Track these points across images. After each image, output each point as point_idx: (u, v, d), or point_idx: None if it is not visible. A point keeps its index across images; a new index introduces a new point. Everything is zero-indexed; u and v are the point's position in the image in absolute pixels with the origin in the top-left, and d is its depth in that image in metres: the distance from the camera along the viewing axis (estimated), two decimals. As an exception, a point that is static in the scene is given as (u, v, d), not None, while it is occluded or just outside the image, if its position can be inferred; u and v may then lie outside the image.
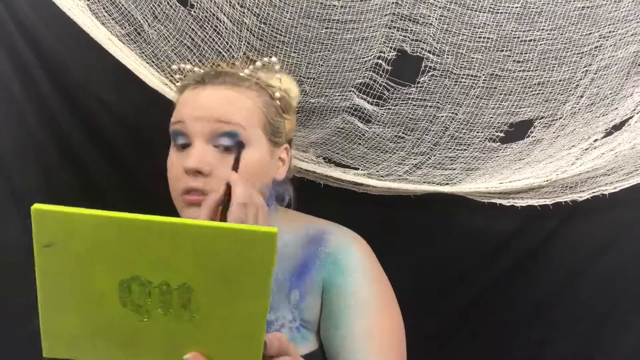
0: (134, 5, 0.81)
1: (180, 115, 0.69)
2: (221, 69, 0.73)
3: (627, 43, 0.89)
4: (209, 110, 0.67)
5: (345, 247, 0.73)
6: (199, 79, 0.71)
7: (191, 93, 0.70)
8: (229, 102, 0.69)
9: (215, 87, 0.70)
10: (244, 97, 0.70)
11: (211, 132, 0.67)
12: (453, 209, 1.05)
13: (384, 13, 0.84)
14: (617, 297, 1.09)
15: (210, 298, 0.47)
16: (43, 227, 0.44)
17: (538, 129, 0.95)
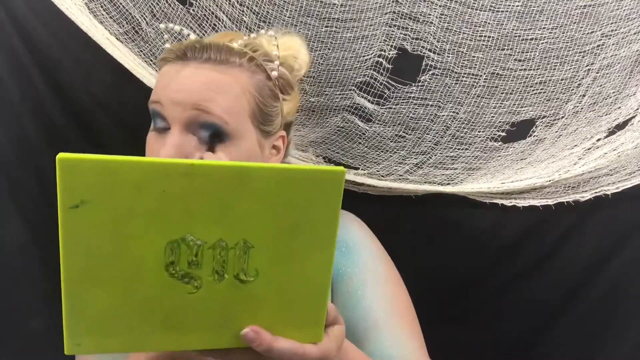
0: (132, 4, 0.81)
1: (158, 94, 0.60)
2: (209, 41, 0.62)
3: (629, 42, 0.89)
4: (186, 94, 0.58)
5: (348, 228, 0.72)
6: (180, 52, 0.60)
7: (171, 68, 0.61)
8: (210, 87, 0.58)
9: (198, 66, 0.59)
10: (231, 79, 0.60)
11: (189, 119, 0.58)
12: (455, 209, 1.05)
13: (384, 11, 0.84)
14: (622, 298, 1.08)
15: (272, 254, 0.41)
16: (72, 182, 0.36)
17: (540, 128, 0.95)
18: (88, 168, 0.37)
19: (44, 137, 0.93)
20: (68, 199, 0.37)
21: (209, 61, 0.60)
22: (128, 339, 0.41)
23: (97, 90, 0.92)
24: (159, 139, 0.61)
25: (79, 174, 0.37)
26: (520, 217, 1.03)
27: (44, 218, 0.95)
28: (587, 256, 1.07)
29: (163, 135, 0.60)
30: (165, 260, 0.39)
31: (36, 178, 0.94)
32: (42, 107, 0.92)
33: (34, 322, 0.96)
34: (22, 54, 0.89)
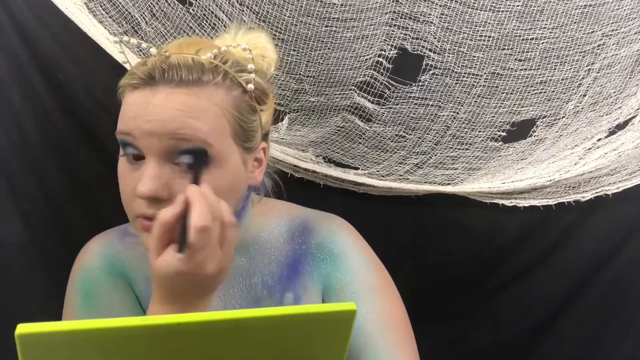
0: (131, 3, 0.81)
1: (127, 126, 0.55)
2: (177, 60, 0.55)
3: (630, 41, 0.88)
4: (161, 124, 0.53)
5: (336, 235, 0.69)
6: (146, 77, 0.55)
7: (139, 96, 0.55)
8: (187, 113, 0.54)
9: (169, 90, 0.54)
10: (207, 101, 0.55)
11: (167, 149, 0.54)
12: (455, 209, 1.04)
13: (385, 11, 0.84)
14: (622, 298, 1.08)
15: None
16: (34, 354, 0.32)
17: (540, 128, 0.95)
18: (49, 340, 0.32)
19: (44, 137, 0.93)
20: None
21: (181, 84, 0.55)
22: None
23: (97, 90, 0.92)
24: (133, 169, 0.56)
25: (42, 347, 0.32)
26: (521, 217, 1.03)
27: (44, 218, 0.95)
28: (587, 256, 1.06)
29: (137, 165, 0.56)
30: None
31: (36, 178, 0.94)
32: (42, 107, 0.91)
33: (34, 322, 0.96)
34: (21, 54, 0.89)
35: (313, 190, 0.98)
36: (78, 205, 0.96)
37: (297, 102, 0.90)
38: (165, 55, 0.56)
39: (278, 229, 0.69)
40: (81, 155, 0.94)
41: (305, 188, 0.97)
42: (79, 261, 0.69)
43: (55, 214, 0.95)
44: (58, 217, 0.96)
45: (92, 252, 0.69)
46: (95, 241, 0.70)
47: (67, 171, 0.95)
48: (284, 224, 0.70)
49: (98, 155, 0.95)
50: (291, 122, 0.92)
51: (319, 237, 0.69)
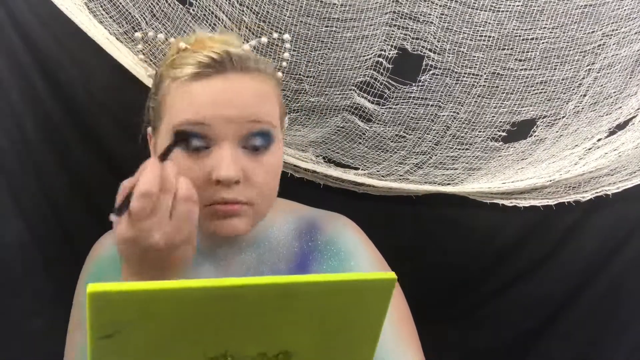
0: (132, 4, 0.81)
1: (202, 114, 0.56)
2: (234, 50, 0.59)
3: (630, 41, 0.88)
4: (243, 109, 0.57)
5: (343, 233, 0.70)
6: (212, 63, 0.57)
7: (207, 84, 0.57)
8: (258, 96, 0.58)
9: (240, 76, 0.58)
10: (266, 85, 0.60)
11: (244, 133, 0.57)
12: (455, 209, 1.04)
13: (384, 11, 0.84)
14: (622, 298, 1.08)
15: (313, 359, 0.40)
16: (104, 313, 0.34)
17: (541, 128, 0.94)
18: (120, 299, 0.34)
19: (44, 137, 0.93)
20: (99, 330, 0.35)
21: (245, 70, 0.58)
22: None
23: (97, 90, 0.92)
24: (196, 160, 0.57)
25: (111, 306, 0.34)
26: (521, 217, 1.03)
27: (44, 218, 0.95)
28: (587, 256, 1.06)
29: (198, 155, 0.57)
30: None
31: (36, 178, 0.94)
32: (42, 107, 0.91)
33: (34, 322, 0.96)
34: (22, 54, 0.89)
35: (313, 190, 0.98)
36: (78, 205, 0.96)
37: (297, 102, 0.90)
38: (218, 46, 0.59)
39: (286, 227, 0.70)
40: (81, 155, 0.94)
41: (305, 188, 0.97)
42: (92, 254, 0.70)
43: (55, 214, 0.95)
44: (58, 217, 0.96)
45: (105, 246, 0.70)
46: (108, 236, 0.72)
47: (67, 171, 0.95)
48: (291, 221, 0.71)
49: (98, 155, 0.95)
50: (291, 122, 0.93)
51: (327, 235, 0.70)
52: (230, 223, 0.59)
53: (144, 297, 0.34)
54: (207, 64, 0.57)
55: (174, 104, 0.59)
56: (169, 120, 0.59)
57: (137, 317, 0.35)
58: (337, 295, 0.38)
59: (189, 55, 0.59)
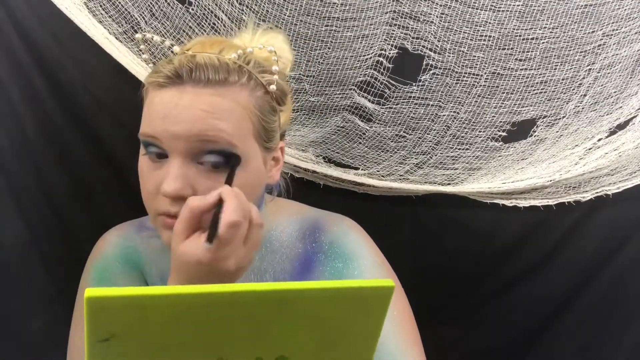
0: (131, 3, 0.81)
1: (152, 128, 0.55)
2: (202, 60, 0.56)
3: (630, 41, 0.88)
4: (188, 126, 0.54)
5: (347, 235, 0.70)
6: (173, 75, 0.55)
7: (164, 96, 0.55)
8: (214, 114, 0.54)
9: (196, 90, 0.54)
10: (233, 101, 0.56)
11: (194, 151, 0.55)
12: (455, 209, 1.04)
13: (385, 11, 0.84)
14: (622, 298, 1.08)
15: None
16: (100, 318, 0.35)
17: (541, 128, 0.94)
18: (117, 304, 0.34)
19: (44, 137, 0.92)
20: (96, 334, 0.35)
21: (208, 84, 0.55)
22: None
23: (97, 90, 0.92)
24: (155, 167, 0.57)
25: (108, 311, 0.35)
26: (521, 217, 1.03)
27: (44, 218, 0.95)
28: (587, 256, 1.06)
29: (160, 163, 0.57)
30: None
31: (36, 178, 0.93)
32: (42, 107, 0.91)
33: (34, 322, 0.96)
34: (21, 53, 0.89)
35: (313, 190, 0.98)
36: (78, 205, 0.96)
37: (297, 102, 0.90)
38: (191, 55, 0.56)
39: (289, 228, 0.70)
40: (81, 155, 0.94)
41: (305, 188, 0.97)
42: (96, 250, 0.70)
43: (56, 213, 0.95)
44: (58, 217, 0.96)
45: (109, 241, 0.70)
46: (113, 232, 0.72)
47: (68, 171, 0.95)
48: (295, 222, 0.71)
49: (98, 155, 0.95)
50: (291, 122, 0.92)
51: (331, 236, 0.70)
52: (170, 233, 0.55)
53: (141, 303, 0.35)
54: (166, 75, 0.55)
55: (144, 112, 0.59)
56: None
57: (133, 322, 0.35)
58: (335, 302, 0.38)
59: (163, 63, 0.58)
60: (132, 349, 0.36)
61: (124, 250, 0.69)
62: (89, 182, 0.96)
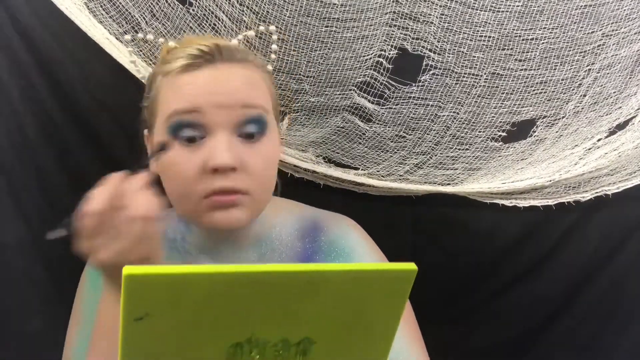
0: (131, 3, 0.81)
1: (194, 102, 0.56)
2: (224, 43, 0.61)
3: (630, 41, 0.89)
4: (233, 95, 0.57)
5: (346, 234, 0.71)
6: (203, 54, 0.58)
7: (198, 74, 0.58)
8: (248, 82, 0.59)
9: (228, 65, 0.59)
10: (256, 74, 0.61)
11: (236, 120, 0.57)
12: (455, 210, 1.04)
13: (384, 11, 0.84)
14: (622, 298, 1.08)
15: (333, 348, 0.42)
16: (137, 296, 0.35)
17: (541, 128, 0.95)
18: (154, 282, 0.35)
19: (44, 137, 0.93)
20: (132, 312, 0.36)
21: (235, 61, 0.59)
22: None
23: (97, 90, 0.92)
24: (191, 151, 0.57)
25: (145, 288, 0.35)
26: (521, 217, 1.03)
27: (44, 218, 0.95)
28: (587, 256, 1.06)
29: (194, 146, 0.57)
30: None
31: (36, 178, 0.94)
32: (42, 107, 0.92)
33: (34, 322, 0.96)
34: (21, 53, 0.89)
35: (313, 190, 0.98)
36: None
37: (297, 102, 0.90)
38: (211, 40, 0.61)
39: (289, 227, 0.70)
40: (81, 155, 0.94)
41: (305, 188, 0.97)
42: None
43: (56, 214, 0.95)
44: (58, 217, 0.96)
45: None
46: None
47: (67, 171, 0.95)
48: (294, 221, 0.71)
49: (99, 155, 0.95)
50: (291, 123, 0.93)
51: (331, 235, 0.70)
52: (230, 214, 0.57)
53: (177, 280, 0.35)
54: (196, 55, 0.58)
55: (167, 97, 0.59)
56: (163, 113, 0.59)
57: (168, 299, 0.36)
58: (359, 284, 0.39)
59: (179, 50, 0.61)
60: (165, 327, 0.37)
61: None
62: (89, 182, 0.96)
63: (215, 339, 0.39)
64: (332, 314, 0.40)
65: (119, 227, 0.48)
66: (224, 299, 0.37)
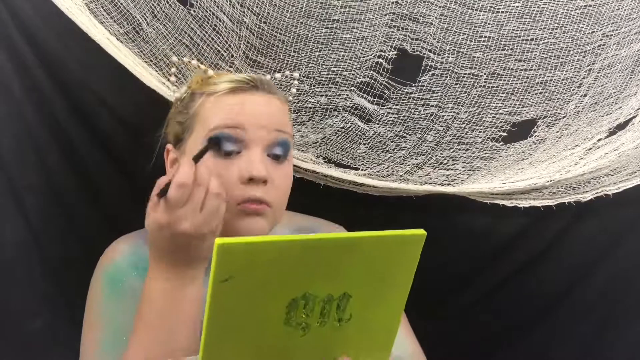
0: (132, 4, 0.81)
1: (238, 120, 0.66)
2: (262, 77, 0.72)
3: (630, 41, 0.88)
4: (270, 119, 0.67)
5: None
6: (248, 82, 0.69)
7: (242, 97, 0.67)
8: (281, 112, 0.69)
9: (267, 95, 0.69)
10: (285, 107, 0.71)
11: (272, 140, 0.67)
12: (455, 210, 1.04)
13: (384, 12, 0.84)
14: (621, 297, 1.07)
15: (364, 300, 0.51)
16: (225, 261, 0.43)
17: (541, 128, 0.94)
18: (239, 250, 0.44)
19: (47, 135, 0.93)
20: (220, 275, 0.44)
21: (271, 93, 0.69)
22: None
23: (100, 89, 0.92)
24: (227, 163, 0.65)
25: (232, 255, 0.44)
26: (521, 218, 1.03)
27: (44, 217, 0.95)
28: (587, 256, 1.06)
29: (230, 160, 0.65)
30: (285, 315, 0.49)
31: (38, 177, 0.94)
32: (45, 105, 0.92)
33: (34, 322, 0.96)
34: (25, 53, 0.89)
35: (313, 190, 0.98)
36: (80, 204, 0.96)
37: (298, 103, 0.91)
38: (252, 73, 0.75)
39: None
40: (85, 154, 0.95)
41: (305, 188, 0.97)
42: (106, 257, 0.70)
43: (56, 213, 0.96)
44: (59, 216, 0.96)
45: (120, 250, 0.71)
46: (123, 241, 0.72)
47: (70, 170, 0.95)
48: (290, 233, 0.74)
49: (100, 154, 0.95)
50: (291, 123, 0.93)
51: None
52: (256, 221, 0.65)
53: (254, 248, 0.44)
54: (243, 82, 0.68)
55: (210, 113, 0.67)
56: (203, 127, 0.67)
57: (246, 264, 0.44)
58: (382, 247, 0.50)
59: (223, 75, 0.70)
60: (242, 287, 0.45)
61: (136, 258, 0.69)
62: (92, 181, 0.96)
63: (278, 295, 0.48)
64: (363, 272, 0.50)
65: (201, 202, 0.56)
66: (286, 262, 0.46)
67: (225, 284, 0.44)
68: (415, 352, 0.73)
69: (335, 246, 0.48)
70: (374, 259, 0.50)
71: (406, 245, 0.51)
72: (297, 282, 0.48)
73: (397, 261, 0.51)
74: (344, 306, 0.51)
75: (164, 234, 0.56)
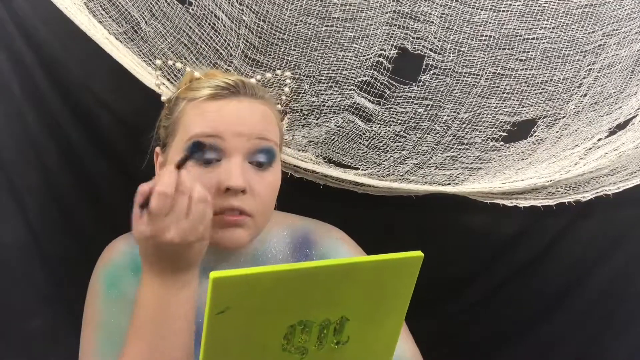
0: (131, 3, 0.81)
1: (216, 128, 0.63)
2: (247, 79, 0.69)
3: (631, 41, 0.88)
4: (250, 127, 0.65)
5: (336, 247, 0.75)
6: (230, 87, 0.66)
7: (223, 104, 0.65)
8: (265, 118, 0.67)
9: (250, 100, 0.66)
10: (271, 112, 0.69)
11: (252, 148, 0.65)
12: (455, 209, 1.04)
13: (385, 11, 0.84)
14: (621, 297, 1.08)
15: (361, 323, 0.51)
16: (220, 294, 0.43)
17: (541, 128, 0.94)
18: (235, 282, 0.43)
19: (47, 135, 0.93)
20: (216, 307, 0.44)
21: (256, 97, 0.67)
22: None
23: (99, 89, 0.92)
24: (207, 172, 0.63)
25: (227, 287, 0.43)
26: (521, 217, 1.03)
27: (44, 217, 0.95)
28: (587, 256, 1.07)
29: (210, 167, 0.63)
30: (282, 341, 0.49)
31: (38, 177, 0.94)
32: (44, 105, 0.92)
33: (34, 322, 0.96)
34: (24, 53, 0.89)
35: (313, 190, 0.98)
36: (80, 204, 0.96)
37: (297, 102, 0.90)
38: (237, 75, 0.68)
39: (281, 242, 0.74)
40: (84, 154, 0.95)
41: (305, 188, 0.97)
42: (105, 257, 0.71)
43: (56, 213, 0.95)
44: (59, 216, 0.96)
45: (118, 250, 0.71)
46: (121, 241, 0.72)
47: (70, 170, 0.95)
48: (286, 235, 0.75)
49: (99, 154, 0.95)
50: (291, 122, 0.92)
51: (321, 249, 0.74)
52: (234, 233, 0.64)
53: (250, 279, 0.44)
54: (223, 87, 0.66)
55: (190, 120, 0.65)
56: (183, 134, 0.65)
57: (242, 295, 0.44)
58: (379, 270, 0.49)
59: (206, 80, 0.68)
60: (240, 317, 0.45)
61: (134, 258, 0.69)
62: (92, 181, 0.96)
63: (276, 324, 0.48)
64: (361, 296, 0.50)
65: (185, 209, 0.54)
66: (283, 291, 0.46)
67: (221, 315, 0.44)
68: (414, 356, 0.73)
69: (331, 272, 0.47)
70: (371, 283, 0.49)
71: (403, 268, 0.50)
72: (294, 309, 0.48)
73: (395, 284, 0.51)
74: (341, 329, 0.51)
75: (150, 244, 0.55)
